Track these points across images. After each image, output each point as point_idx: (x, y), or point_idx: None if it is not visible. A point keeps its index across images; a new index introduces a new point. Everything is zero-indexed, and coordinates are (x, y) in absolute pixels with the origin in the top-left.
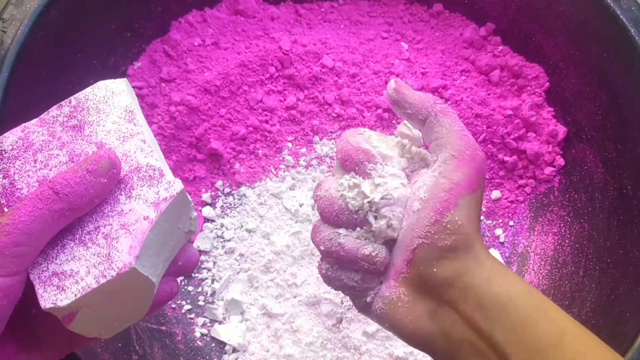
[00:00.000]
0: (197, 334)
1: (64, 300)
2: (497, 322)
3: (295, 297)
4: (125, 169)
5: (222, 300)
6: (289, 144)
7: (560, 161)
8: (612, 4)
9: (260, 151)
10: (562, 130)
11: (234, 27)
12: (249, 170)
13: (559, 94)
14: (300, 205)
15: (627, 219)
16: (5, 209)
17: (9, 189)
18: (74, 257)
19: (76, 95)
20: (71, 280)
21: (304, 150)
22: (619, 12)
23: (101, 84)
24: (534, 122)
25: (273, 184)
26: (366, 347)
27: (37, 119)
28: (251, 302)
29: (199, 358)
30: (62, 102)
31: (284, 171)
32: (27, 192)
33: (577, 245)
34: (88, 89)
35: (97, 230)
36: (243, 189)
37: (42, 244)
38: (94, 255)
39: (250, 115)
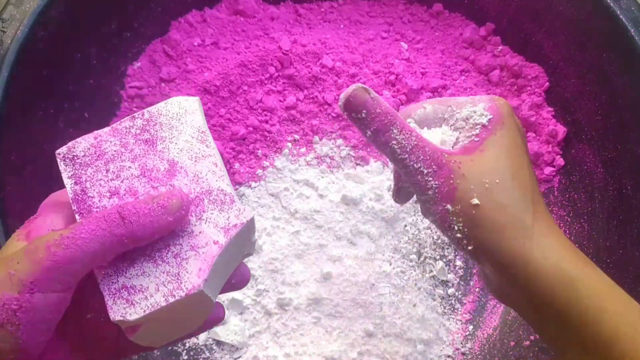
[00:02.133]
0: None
1: (133, 314)
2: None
3: (295, 296)
4: (197, 190)
5: (222, 300)
6: (289, 144)
7: (560, 161)
8: (612, 4)
9: (260, 151)
10: (561, 130)
11: (233, 27)
12: (249, 170)
13: (559, 94)
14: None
15: (626, 219)
16: (77, 216)
17: (81, 196)
18: (144, 272)
19: (149, 108)
20: (140, 295)
21: (303, 150)
22: (619, 12)
23: (175, 100)
24: (533, 122)
25: (273, 184)
26: (366, 347)
27: (109, 128)
28: (251, 302)
29: (199, 358)
30: (135, 114)
31: (284, 171)
32: (99, 201)
33: (577, 245)
34: (161, 104)
35: (167, 248)
36: (243, 189)
37: (94, 265)
38: (164, 273)
39: (250, 115)
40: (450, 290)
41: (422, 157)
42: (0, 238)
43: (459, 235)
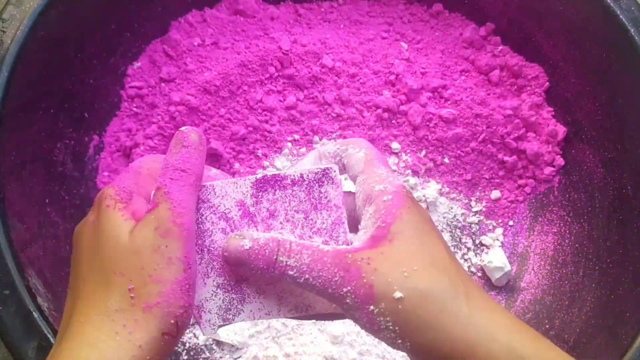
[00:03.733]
0: (197, 334)
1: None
2: None
3: None
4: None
5: None
6: (289, 144)
7: (560, 161)
8: (612, 4)
9: (260, 151)
10: (561, 130)
11: (233, 27)
12: (249, 170)
13: (559, 94)
14: None
15: (627, 219)
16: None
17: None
18: (205, 283)
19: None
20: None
21: (303, 150)
22: (618, 12)
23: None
24: (533, 122)
25: None
26: (366, 347)
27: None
28: None
29: (199, 358)
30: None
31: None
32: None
33: (577, 245)
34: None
35: (219, 277)
36: None
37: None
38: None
39: (250, 115)
40: None
41: (323, 269)
42: (1, 238)
43: (392, 334)
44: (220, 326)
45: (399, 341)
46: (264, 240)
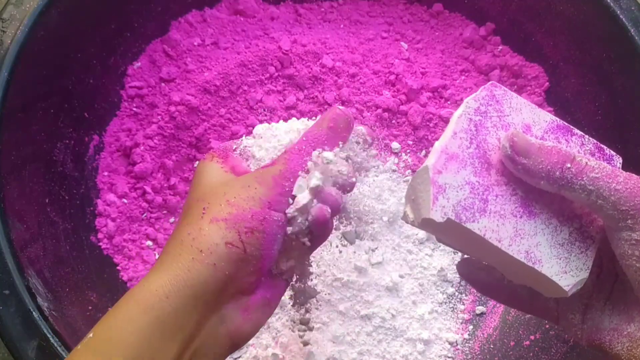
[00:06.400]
0: None
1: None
2: None
3: None
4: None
5: None
6: None
7: None
8: (612, 4)
9: None
10: None
11: (233, 27)
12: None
13: (559, 94)
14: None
15: None
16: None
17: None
18: (458, 171)
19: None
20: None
21: None
22: (619, 12)
23: None
24: None
25: None
26: (366, 347)
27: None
28: None
29: None
30: None
31: None
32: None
33: None
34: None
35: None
36: None
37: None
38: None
39: (250, 115)
40: (450, 290)
41: (628, 178)
42: (1, 238)
43: None
44: (448, 219)
45: None
46: (551, 145)
